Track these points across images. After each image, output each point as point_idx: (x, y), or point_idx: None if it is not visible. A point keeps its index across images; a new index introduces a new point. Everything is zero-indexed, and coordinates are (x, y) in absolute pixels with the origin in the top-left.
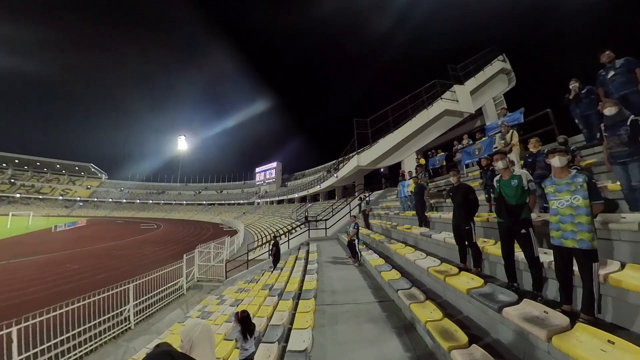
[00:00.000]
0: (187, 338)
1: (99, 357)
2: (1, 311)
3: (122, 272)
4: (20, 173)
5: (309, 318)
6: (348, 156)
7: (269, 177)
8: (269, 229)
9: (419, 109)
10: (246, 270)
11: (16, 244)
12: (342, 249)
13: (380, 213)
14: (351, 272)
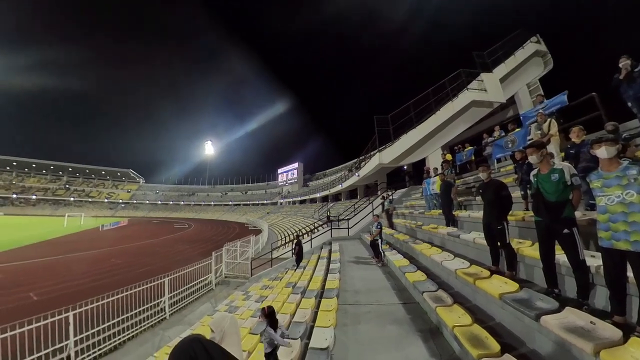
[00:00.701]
0: (218, 329)
1: (139, 342)
2: (60, 299)
3: (159, 267)
4: (73, 179)
5: (331, 317)
6: (369, 154)
7: (291, 178)
8: (292, 228)
9: (443, 102)
10: (270, 268)
11: (71, 241)
12: (365, 248)
13: (404, 212)
14: (374, 272)
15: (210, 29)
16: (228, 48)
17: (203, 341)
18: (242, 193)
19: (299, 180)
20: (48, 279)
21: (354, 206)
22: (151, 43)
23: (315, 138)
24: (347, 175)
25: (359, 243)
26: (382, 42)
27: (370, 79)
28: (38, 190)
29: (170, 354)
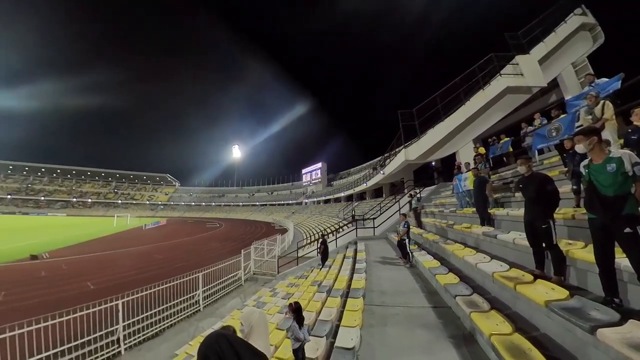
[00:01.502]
0: (247, 322)
1: (177, 331)
2: (112, 288)
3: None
4: (120, 184)
5: (357, 317)
6: (394, 151)
7: (315, 178)
8: (317, 227)
9: (473, 91)
10: (296, 267)
11: (119, 239)
12: (392, 248)
13: (433, 211)
14: (402, 273)
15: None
16: (248, 56)
17: (228, 336)
18: (268, 193)
19: (322, 179)
20: (102, 270)
21: (379, 205)
22: (179, 60)
23: (338, 137)
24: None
25: (386, 243)
26: (402, 35)
27: (392, 73)
28: (92, 195)
29: (199, 347)
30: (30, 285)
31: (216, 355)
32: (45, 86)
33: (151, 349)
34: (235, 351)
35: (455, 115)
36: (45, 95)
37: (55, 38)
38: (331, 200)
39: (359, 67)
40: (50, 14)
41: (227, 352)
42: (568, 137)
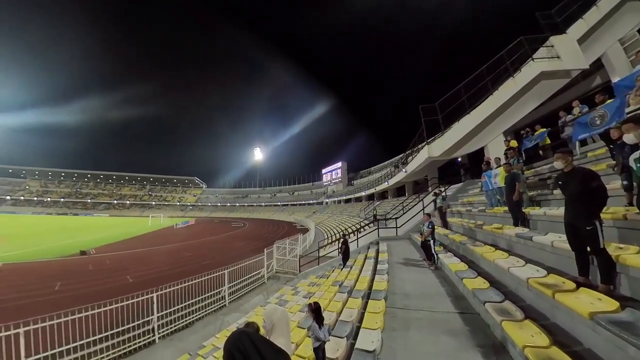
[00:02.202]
0: (269, 319)
1: (204, 324)
2: (148, 282)
3: (219, 261)
4: (154, 187)
5: (378, 319)
6: (417, 148)
7: (335, 177)
8: (338, 227)
9: (501, 80)
10: (317, 266)
11: (153, 237)
12: (415, 250)
13: (460, 210)
14: (426, 275)
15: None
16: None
17: (251, 334)
18: (289, 194)
19: (343, 179)
20: (139, 266)
21: (402, 204)
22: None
23: (358, 135)
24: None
25: (409, 244)
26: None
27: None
28: (130, 197)
29: (224, 344)
30: (81, 277)
31: (239, 352)
32: (90, 102)
33: (182, 339)
34: (257, 348)
35: (483, 106)
36: (90, 110)
37: (98, 60)
38: (352, 200)
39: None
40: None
41: (249, 349)
42: (615, 125)
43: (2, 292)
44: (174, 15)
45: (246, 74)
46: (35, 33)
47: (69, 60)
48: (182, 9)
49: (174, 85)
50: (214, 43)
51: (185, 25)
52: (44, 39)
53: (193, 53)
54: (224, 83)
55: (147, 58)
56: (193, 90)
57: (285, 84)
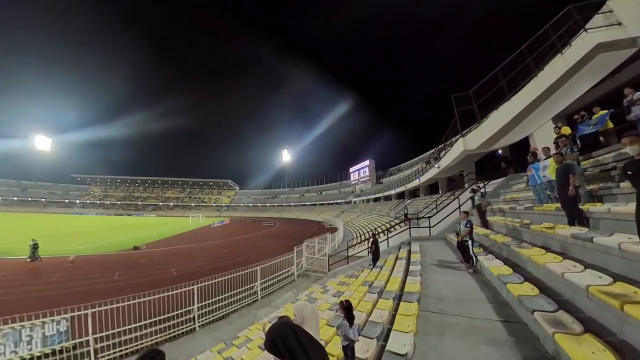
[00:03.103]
0: (299, 314)
1: (239, 316)
2: (189, 275)
3: (252, 258)
4: (193, 190)
5: (410, 322)
6: (450, 142)
7: (363, 176)
8: (367, 226)
9: (546, 58)
10: (346, 266)
11: (193, 235)
12: (451, 251)
13: (502, 208)
14: (463, 279)
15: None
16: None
17: (291, 324)
18: (317, 193)
19: (371, 177)
20: (182, 260)
21: (435, 202)
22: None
23: (385, 132)
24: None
25: (444, 244)
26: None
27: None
28: (173, 199)
29: (267, 333)
30: (134, 269)
31: (281, 339)
32: (135, 117)
33: (218, 329)
34: (298, 339)
35: (526, 91)
36: (136, 124)
37: (139, 81)
38: (381, 199)
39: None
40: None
41: (291, 339)
42: None
43: (74, 279)
44: (202, 33)
45: (270, 81)
46: (90, 67)
47: (116, 85)
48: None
49: (206, 97)
50: (239, 55)
51: (212, 41)
52: (97, 70)
53: (221, 66)
54: (250, 91)
55: (181, 75)
56: (223, 101)
57: (307, 86)
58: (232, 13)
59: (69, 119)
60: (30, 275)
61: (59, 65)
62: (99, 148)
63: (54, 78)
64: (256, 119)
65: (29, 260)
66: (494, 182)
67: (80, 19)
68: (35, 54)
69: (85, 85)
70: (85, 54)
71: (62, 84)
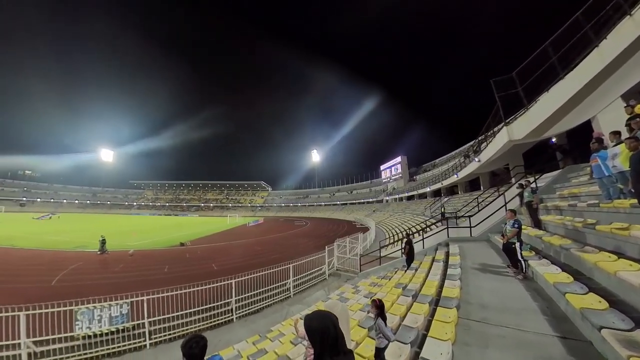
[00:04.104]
0: None
1: (272, 311)
2: (228, 270)
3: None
4: (230, 191)
5: (449, 330)
6: (491, 132)
7: (395, 173)
8: (400, 226)
9: (609, 24)
10: (379, 266)
11: (231, 233)
12: (496, 254)
13: (559, 205)
14: (510, 285)
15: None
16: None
17: (335, 324)
18: (347, 193)
19: (403, 175)
20: (221, 256)
21: (476, 200)
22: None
23: (416, 127)
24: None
25: (487, 246)
26: None
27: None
28: (213, 200)
29: (310, 321)
30: (181, 263)
31: (321, 335)
32: (178, 129)
33: (254, 322)
34: (337, 330)
35: (585, 65)
36: (179, 135)
37: (180, 96)
38: (415, 197)
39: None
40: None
41: (331, 337)
42: None
43: (133, 270)
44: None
45: (296, 84)
46: (141, 90)
47: (162, 103)
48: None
49: (238, 105)
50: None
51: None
52: (146, 92)
53: (250, 75)
54: (278, 96)
55: (215, 88)
56: (254, 107)
57: (333, 85)
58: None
59: (126, 134)
60: (100, 265)
61: (117, 91)
62: (150, 157)
63: (114, 101)
64: (285, 122)
65: (99, 252)
66: (547, 176)
67: (131, 51)
68: (98, 83)
69: (138, 105)
70: (137, 79)
71: (120, 106)
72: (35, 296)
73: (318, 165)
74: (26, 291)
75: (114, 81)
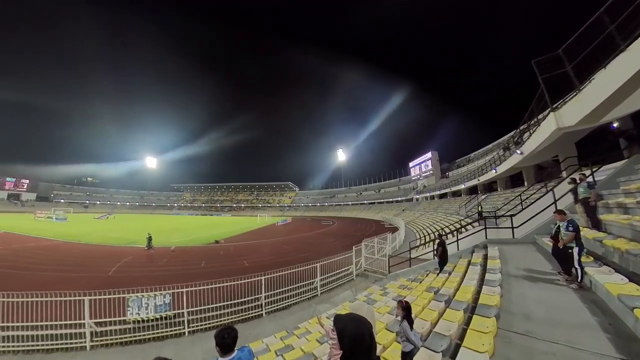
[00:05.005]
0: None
1: (300, 308)
2: (258, 267)
3: (312, 254)
4: (259, 192)
5: (486, 341)
6: (535, 120)
7: (425, 170)
8: (432, 226)
9: None
10: (408, 268)
11: (261, 232)
12: (545, 258)
13: (624, 202)
14: (562, 296)
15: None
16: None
17: (369, 326)
18: (375, 191)
19: (434, 171)
20: (252, 254)
21: (519, 197)
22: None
23: (447, 120)
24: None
25: (533, 249)
26: None
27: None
28: (244, 201)
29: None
30: (215, 259)
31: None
32: (211, 136)
33: (282, 318)
34: (371, 341)
35: None
36: (213, 141)
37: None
38: (448, 195)
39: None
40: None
41: (365, 347)
42: None
43: (174, 264)
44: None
45: (321, 85)
46: (179, 102)
47: (197, 113)
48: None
49: (266, 110)
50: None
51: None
52: (184, 104)
53: (277, 81)
54: (304, 98)
55: (245, 95)
56: (281, 111)
57: (358, 83)
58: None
59: (167, 143)
60: (147, 259)
61: (160, 106)
62: (188, 162)
63: (157, 115)
64: (311, 122)
65: (146, 248)
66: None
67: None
68: (145, 100)
69: (177, 116)
70: (176, 95)
71: (162, 119)
72: (95, 284)
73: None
74: (89, 279)
75: (158, 98)
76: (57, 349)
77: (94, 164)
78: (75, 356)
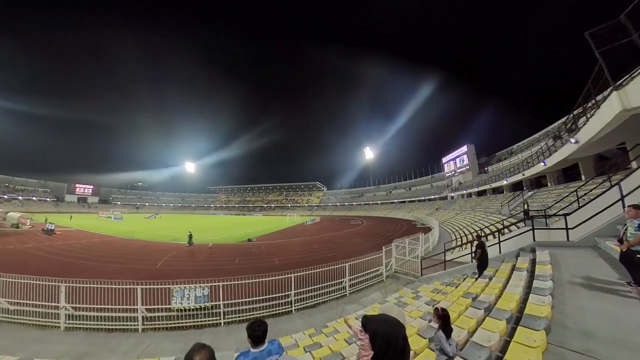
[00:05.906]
0: None
1: (328, 307)
2: (288, 265)
3: (341, 254)
4: (288, 193)
5: (534, 357)
6: (593, 101)
7: (460, 165)
8: (469, 227)
9: None
10: (443, 272)
11: (291, 231)
12: (609, 265)
13: None
14: (632, 310)
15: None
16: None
17: (402, 329)
18: (406, 190)
19: (471, 166)
20: (282, 252)
21: (575, 193)
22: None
23: (484, 108)
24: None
25: (595, 255)
26: None
27: None
28: (274, 201)
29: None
30: (248, 256)
31: (388, 345)
32: (242, 140)
33: (310, 315)
34: (405, 345)
35: None
36: (244, 145)
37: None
38: (487, 192)
39: None
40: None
41: (398, 351)
42: None
43: (212, 260)
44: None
45: (345, 83)
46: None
47: (228, 120)
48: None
49: (291, 112)
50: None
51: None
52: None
53: (300, 84)
54: (328, 98)
55: (270, 99)
56: (306, 112)
57: (383, 77)
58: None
59: (203, 149)
60: (188, 255)
61: (195, 115)
62: (222, 166)
63: (193, 124)
64: (337, 122)
65: (187, 245)
66: None
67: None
68: (183, 112)
69: (210, 124)
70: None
71: (198, 127)
72: (146, 275)
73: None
74: (141, 271)
75: (193, 108)
76: (116, 329)
77: (143, 171)
78: (130, 337)
